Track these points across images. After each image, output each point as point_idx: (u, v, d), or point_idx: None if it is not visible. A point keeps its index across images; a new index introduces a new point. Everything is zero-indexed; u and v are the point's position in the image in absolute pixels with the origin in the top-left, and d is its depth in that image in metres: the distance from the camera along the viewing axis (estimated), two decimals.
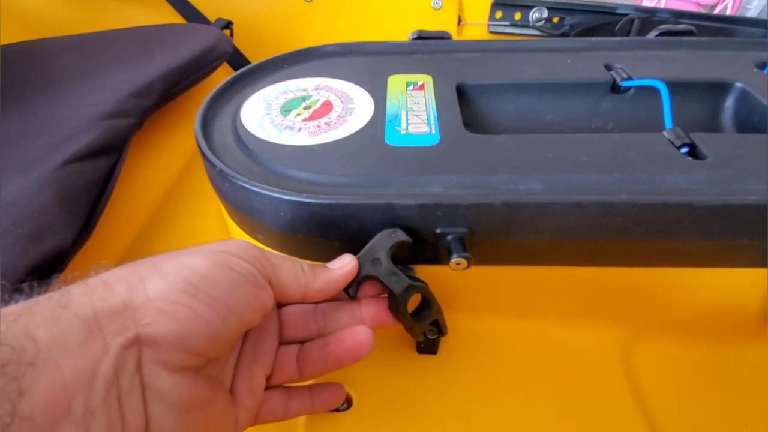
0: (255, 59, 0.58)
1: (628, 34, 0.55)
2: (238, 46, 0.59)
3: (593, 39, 0.42)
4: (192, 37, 0.48)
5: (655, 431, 0.28)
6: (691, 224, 0.25)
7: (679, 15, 0.55)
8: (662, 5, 2.08)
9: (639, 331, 0.33)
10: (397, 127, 0.31)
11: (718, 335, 0.33)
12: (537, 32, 0.58)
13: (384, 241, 0.23)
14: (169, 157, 0.41)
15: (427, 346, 0.30)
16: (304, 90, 0.36)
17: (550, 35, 0.57)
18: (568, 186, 0.26)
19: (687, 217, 0.24)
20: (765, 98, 0.33)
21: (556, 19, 0.57)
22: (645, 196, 0.24)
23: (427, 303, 0.27)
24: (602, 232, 0.26)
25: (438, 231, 0.25)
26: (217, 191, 0.30)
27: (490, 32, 0.59)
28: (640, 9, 0.55)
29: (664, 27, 0.44)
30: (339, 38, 0.57)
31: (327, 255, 0.24)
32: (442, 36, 0.45)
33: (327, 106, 0.34)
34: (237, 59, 0.58)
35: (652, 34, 0.45)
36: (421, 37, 0.45)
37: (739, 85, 0.35)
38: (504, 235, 0.26)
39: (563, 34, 0.57)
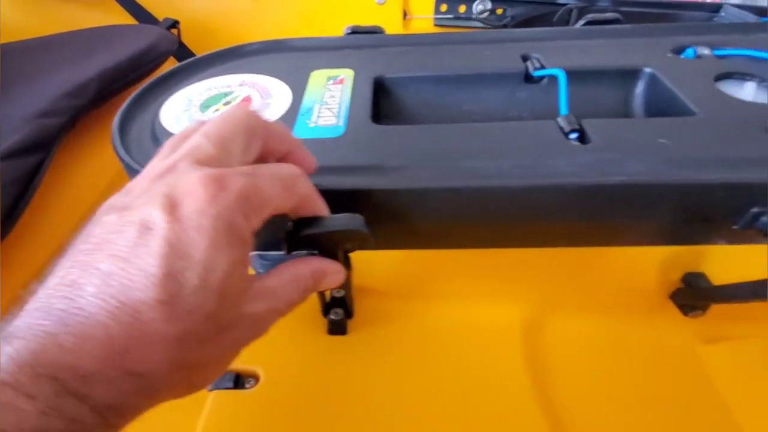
0: None
1: (567, 24, 0.56)
2: (190, 45, 0.60)
3: (516, 30, 0.43)
4: (134, 37, 0.49)
5: (550, 402, 0.30)
6: (567, 206, 0.26)
7: (619, 3, 0.56)
8: None
9: (542, 308, 0.34)
10: (307, 120, 0.32)
11: (619, 311, 0.35)
12: (481, 24, 0.59)
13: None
14: (105, 156, 0.42)
15: (336, 328, 0.31)
16: (228, 86, 0.37)
17: (493, 27, 0.58)
18: (455, 172, 0.27)
19: (560, 199, 0.26)
20: (673, 83, 0.35)
21: (500, 11, 0.58)
22: (518, 180, 0.25)
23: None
24: (484, 215, 0.27)
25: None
26: None
27: (436, 25, 0.60)
28: None
29: (591, 16, 0.45)
30: (284, 34, 0.58)
31: None
32: (375, 31, 0.46)
33: (246, 102, 0.35)
34: (187, 57, 0.59)
35: (579, 23, 0.46)
36: (355, 32, 0.46)
37: (648, 70, 0.37)
38: (392, 220, 0.27)
39: (505, 26, 0.58)
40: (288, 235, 0.22)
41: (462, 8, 0.59)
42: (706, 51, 0.38)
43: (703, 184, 0.25)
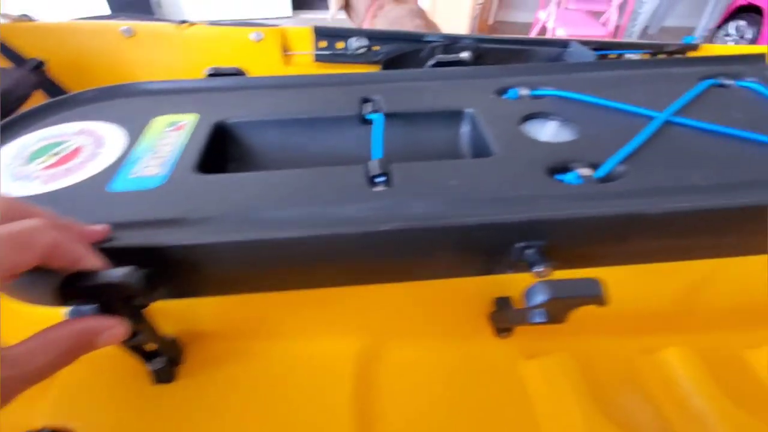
0: None
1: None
2: (65, 82, 0.59)
3: (363, 73, 0.46)
4: None
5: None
6: (352, 250, 0.28)
7: (479, 41, 0.61)
8: (552, 23, 2.25)
9: (376, 340, 0.36)
10: (130, 171, 0.33)
11: (448, 336, 0.37)
12: (358, 60, 0.62)
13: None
14: None
15: (161, 376, 0.32)
16: (63, 136, 0.37)
17: (369, 62, 0.62)
18: (251, 225, 0.28)
19: (341, 245, 0.28)
20: (485, 124, 0.38)
21: (376, 48, 0.62)
22: (301, 230, 0.27)
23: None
24: (280, 262, 0.29)
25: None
26: None
27: (316, 61, 0.62)
28: (445, 36, 0.60)
29: (438, 57, 0.49)
30: (160, 72, 0.59)
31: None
32: (235, 72, 0.47)
33: (75, 152, 0.35)
34: (60, 94, 0.58)
35: (428, 64, 0.50)
36: (215, 74, 0.47)
37: (469, 111, 0.40)
38: (195, 271, 0.28)
39: (379, 62, 0.61)
40: (59, 289, 0.23)
41: (340, 45, 0.62)
42: (525, 91, 0.43)
43: (468, 225, 0.28)
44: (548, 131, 0.38)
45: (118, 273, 0.23)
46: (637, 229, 0.29)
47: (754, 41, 2.89)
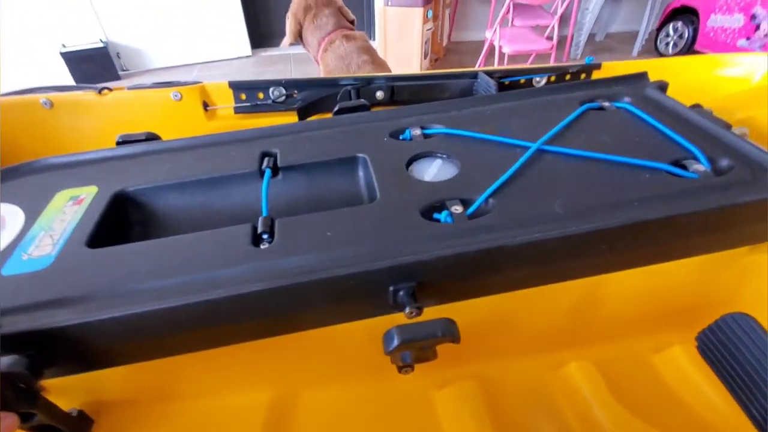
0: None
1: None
2: None
3: (264, 128, 0.48)
4: None
5: None
6: (237, 309, 0.30)
7: (391, 79, 0.64)
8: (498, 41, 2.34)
9: (290, 387, 0.37)
10: (23, 253, 0.34)
11: (360, 377, 0.38)
12: (278, 108, 0.64)
13: None
14: None
15: None
16: None
17: (289, 109, 0.64)
18: (143, 295, 0.29)
19: (220, 308, 0.29)
20: (375, 168, 0.40)
21: (295, 94, 0.64)
22: (184, 298, 0.28)
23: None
24: (171, 329, 0.30)
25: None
26: None
27: (236, 113, 0.64)
28: (358, 78, 0.63)
29: (340, 104, 0.52)
30: (83, 142, 0.60)
31: None
32: (148, 137, 0.48)
33: None
34: None
35: (333, 110, 0.52)
36: (126, 140, 0.48)
37: (361, 156, 0.42)
38: (83, 349, 0.29)
39: (297, 108, 0.64)
40: None
41: (260, 95, 0.64)
42: (418, 131, 0.45)
43: (336, 277, 0.29)
44: (432, 170, 0.40)
45: (4, 362, 0.24)
46: (502, 261, 0.31)
47: (692, 40, 3.06)
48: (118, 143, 0.48)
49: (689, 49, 3.14)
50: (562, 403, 0.38)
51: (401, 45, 2.46)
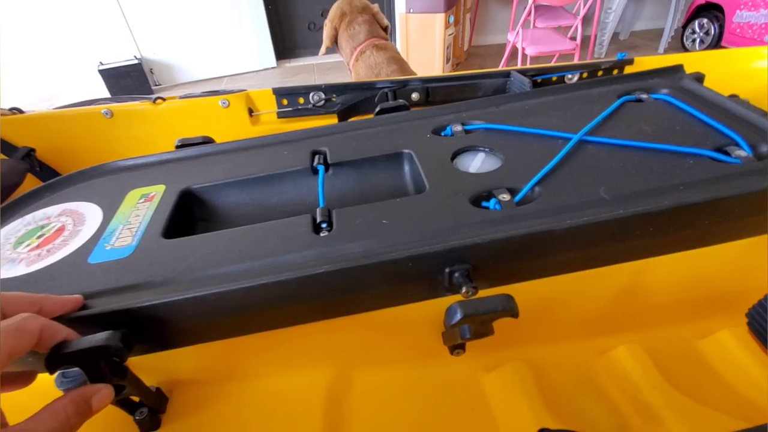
0: None
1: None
2: (56, 166, 0.64)
3: (314, 128, 0.51)
4: None
5: None
6: (303, 291, 0.32)
7: (426, 81, 0.66)
8: (521, 43, 2.34)
9: (346, 369, 0.39)
10: (106, 244, 0.37)
11: (410, 359, 0.40)
12: (318, 111, 0.67)
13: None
14: None
15: (145, 426, 0.35)
16: (48, 218, 0.42)
17: (328, 113, 0.67)
18: (211, 280, 0.32)
19: (291, 288, 0.31)
20: (421, 162, 0.43)
21: (333, 98, 0.67)
22: (255, 280, 0.31)
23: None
24: (239, 309, 0.32)
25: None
26: None
27: (279, 117, 0.68)
28: (394, 82, 0.65)
29: (381, 105, 0.54)
30: (140, 148, 0.64)
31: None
32: (203, 141, 0.52)
33: (58, 232, 0.40)
34: (52, 177, 0.64)
35: (375, 112, 0.55)
36: (184, 144, 0.52)
37: (407, 152, 0.45)
38: (167, 326, 0.32)
39: (336, 111, 0.67)
40: (47, 359, 0.27)
41: (301, 100, 0.67)
42: (458, 128, 0.47)
43: (396, 259, 0.31)
44: (476, 163, 0.42)
45: (100, 337, 0.27)
46: (550, 244, 0.33)
47: (718, 36, 2.98)
48: (177, 146, 0.52)
49: (716, 45, 3.07)
50: (611, 385, 0.39)
51: (423, 51, 2.49)
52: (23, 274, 0.35)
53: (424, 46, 2.48)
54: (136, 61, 2.87)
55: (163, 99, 0.65)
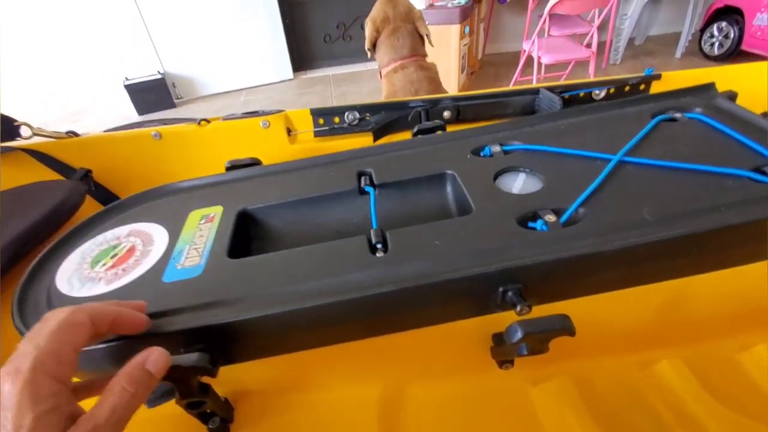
0: (123, 194, 0.68)
1: (419, 122, 0.68)
2: (109, 186, 0.68)
3: (357, 149, 0.54)
4: (44, 195, 0.57)
5: None
6: (365, 309, 0.34)
7: (457, 100, 0.69)
8: (536, 52, 2.36)
9: (397, 383, 0.41)
10: (176, 263, 0.40)
11: (458, 373, 0.42)
12: (355, 130, 0.70)
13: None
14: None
15: None
16: (117, 239, 0.45)
17: (363, 131, 0.70)
18: (285, 297, 0.35)
19: (357, 306, 0.34)
20: (464, 183, 0.45)
21: (368, 117, 0.70)
22: (322, 298, 0.33)
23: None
24: (306, 325, 0.35)
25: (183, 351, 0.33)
26: None
27: (316, 137, 0.71)
28: (425, 101, 0.68)
29: (419, 126, 0.57)
30: (188, 167, 0.68)
31: None
32: (251, 163, 0.55)
33: (130, 252, 0.43)
34: (107, 197, 0.68)
35: (413, 132, 0.57)
36: (234, 165, 0.55)
37: (450, 173, 0.47)
38: (241, 341, 0.34)
39: (372, 130, 0.69)
40: None
41: (336, 119, 0.70)
42: (497, 148, 0.49)
43: (452, 279, 0.33)
44: (518, 183, 0.44)
45: (192, 358, 0.30)
46: (598, 264, 0.35)
47: (738, 40, 2.95)
48: (228, 168, 0.55)
49: (735, 49, 3.04)
50: (654, 398, 0.40)
51: (439, 61, 2.50)
52: (105, 292, 0.38)
53: (439, 57, 2.49)
54: (159, 76, 2.96)
55: (208, 121, 0.69)
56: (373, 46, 1.38)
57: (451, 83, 2.61)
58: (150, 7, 2.83)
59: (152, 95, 2.93)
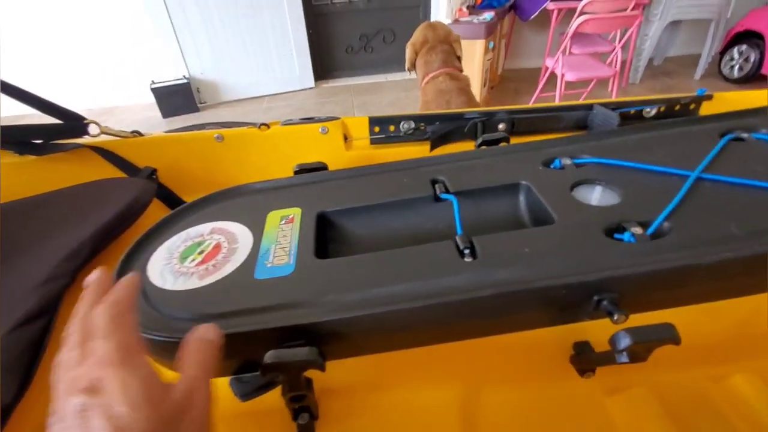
0: (184, 194, 0.69)
1: (475, 135, 0.70)
2: (170, 186, 0.70)
3: (427, 158, 0.55)
4: (118, 191, 0.59)
5: None
6: (459, 313, 0.35)
7: (512, 112, 0.70)
8: (560, 69, 2.38)
9: (476, 385, 0.42)
10: (266, 262, 0.41)
11: (535, 378, 0.43)
12: (410, 139, 0.72)
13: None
14: None
15: (305, 429, 0.38)
16: (201, 236, 0.46)
17: (418, 140, 0.71)
18: (374, 300, 0.36)
19: (452, 310, 0.35)
20: (541, 193, 0.46)
21: (422, 127, 0.72)
22: (417, 302, 0.34)
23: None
24: (399, 327, 0.36)
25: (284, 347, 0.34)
26: None
27: (372, 144, 0.72)
28: (482, 113, 0.69)
29: (485, 136, 0.58)
30: (248, 170, 0.70)
31: None
32: (318, 167, 0.57)
33: (216, 249, 0.44)
34: (169, 197, 0.69)
35: (477, 143, 0.59)
36: (302, 170, 0.57)
37: (524, 183, 0.48)
38: (335, 339, 0.35)
39: (428, 139, 0.71)
40: (262, 366, 0.31)
41: (392, 128, 0.72)
42: (568, 161, 0.50)
43: (551, 286, 0.34)
44: (596, 196, 0.45)
45: (303, 352, 0.31)
46: (692, 277, 0.35)
47: (758, 63, 2.96)
48: (296, 172, 0.56)
49: (755, 73, 3.05)
50: (730, 411, 0.40)
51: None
52: (200, 286, 0.39)
53: (464, 71, 2.54)
54: (184, 81, 3.02)
55: (268, 126, 0.70)
56: (413, 66, 1.48)
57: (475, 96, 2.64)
58: (180, 13, 2.90)
59: (177, 99, 2.99)
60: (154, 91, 2.96)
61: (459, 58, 1.47)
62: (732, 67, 3.21)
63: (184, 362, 0.27)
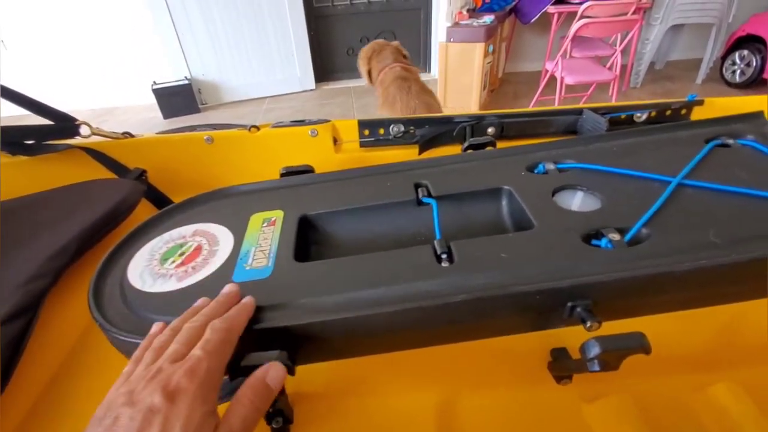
0: (173, 195, 0.70)
1: (464, 139, 0.70)
2: (160, 187, 0.70)
3: (412, 161, 0.55)
4: (106, 192, 0.59)
5: None
6: (432, 318, 0.35)
7: (502, 117, 0.70)
8: (560, 73, 2.38)
9: (453, 390, 0.42)
10: (245, 264, 0.41)
11: (514, 385, 0.42)
12: (399, 142, 0.72)
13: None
14: (82, 307, 0.49)
15: None
16: (183, 237, 0.47)
17: (407, 144, 0.71)
18: (355, 303, 0.36)
19: (424, 314, 0.35)
20: (522, 198, 0.46)
21: (412, 130, 0.72)
22: (389, 306, 0.34)
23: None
24: (371, 332, 0.36)
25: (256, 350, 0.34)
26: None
27: (361, 147, 0.72)
28: (471, 117, 0.69)
29: (471, 140, 0.58)
30: (237, 171, 0.70)
31: None
32: (304, 170, 0.57)
33: (197, 251, 0.44)
34: (159, 198, 0.70)
35: (463, 147, 0.59)
36: (288, 172, 0.57)
37: (506, 188, 0.48)
38: (308, 343, 0.35)
39: (416, 143, 0.71)
40: (229, 368, 0.31)
41: (381, 131, 0.72)
42: (551, 166, 0.50)
43: (525, 292, 0.34)
44: (576, 201, 0.45)
45: (273, 356, 0.31)
46: (668, 285, 0.35)
47: (760, 68, 2.95)
48: (282, 174, 0.57)
49: (757, 77, 3.04)
50: (710, 421, 0.40)
51: (462, 78, 2.56)
52: (177, 288, 0.39)
53: (462, 74, 2.54)
54: (186, 82, 3.04)
55: (258, 128, 0.71)
56: (369, 76, 1.70)
57: (473, 100, 2.64)
58: (182, 15, 2.92)
59: (178, 100, 3.00)
60: (156, 92, 2.97)
61: (405, 57, 1.68)
62: (734, 71, 3.20)
63: (243, 405, 0.28)
